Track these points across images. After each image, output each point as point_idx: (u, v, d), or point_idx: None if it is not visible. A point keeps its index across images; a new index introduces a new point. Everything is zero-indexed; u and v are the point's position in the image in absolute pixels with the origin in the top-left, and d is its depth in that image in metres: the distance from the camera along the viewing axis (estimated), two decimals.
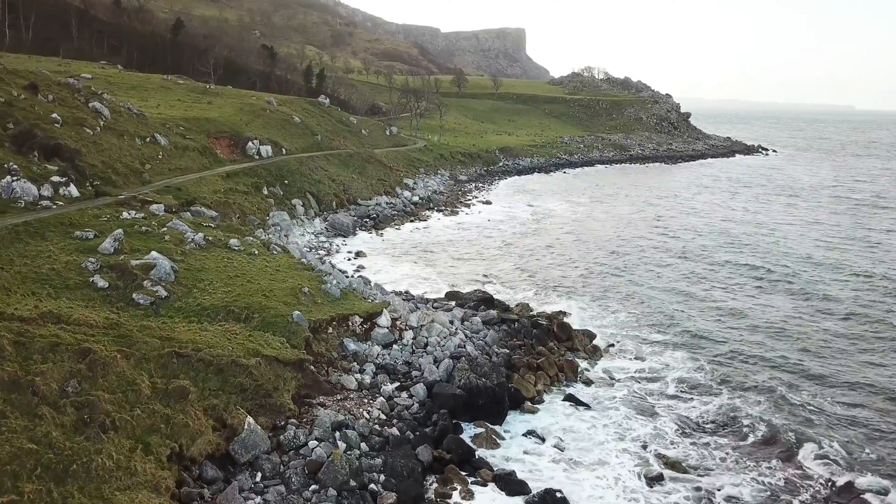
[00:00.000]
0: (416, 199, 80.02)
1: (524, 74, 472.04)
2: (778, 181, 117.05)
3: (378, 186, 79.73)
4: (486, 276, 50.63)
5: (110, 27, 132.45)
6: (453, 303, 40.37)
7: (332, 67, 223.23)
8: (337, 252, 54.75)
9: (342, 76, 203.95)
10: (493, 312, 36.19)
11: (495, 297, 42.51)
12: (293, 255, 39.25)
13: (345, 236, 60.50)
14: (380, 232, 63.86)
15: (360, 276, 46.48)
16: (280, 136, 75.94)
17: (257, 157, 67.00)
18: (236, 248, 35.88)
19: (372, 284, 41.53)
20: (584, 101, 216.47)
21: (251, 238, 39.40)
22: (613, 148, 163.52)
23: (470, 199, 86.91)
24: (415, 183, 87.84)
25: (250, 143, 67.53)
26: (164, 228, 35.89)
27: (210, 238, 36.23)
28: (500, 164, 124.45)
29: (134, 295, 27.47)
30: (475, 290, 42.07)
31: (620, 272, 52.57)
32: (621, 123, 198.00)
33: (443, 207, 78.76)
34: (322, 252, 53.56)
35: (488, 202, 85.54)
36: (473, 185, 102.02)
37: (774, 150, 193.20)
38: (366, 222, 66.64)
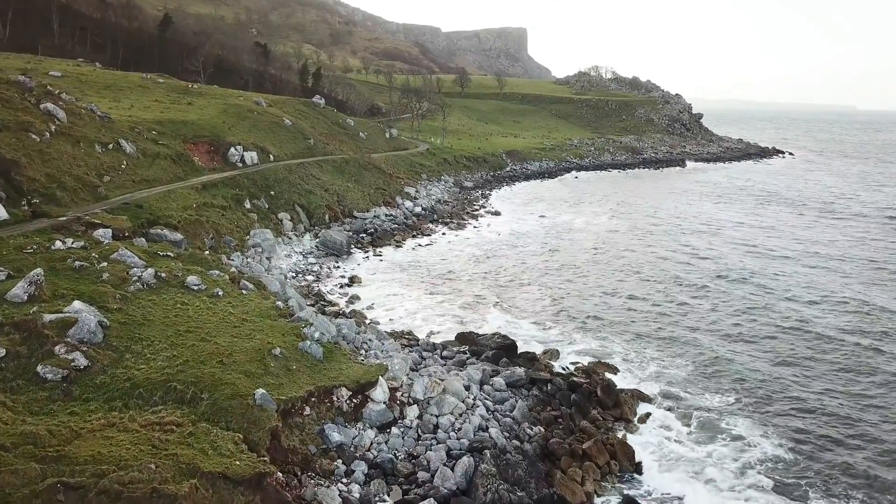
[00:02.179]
0: (418, 210, 72.43)
1: (526, 74, 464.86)
2: (806, 192, 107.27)
3: (376, 196, 72.25)
4: (501, 305, 43.45)
5: (94, 23, 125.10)
6: (466, 348, 33.11)
7: (330, 66, 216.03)
8: (328, 277, 47.39)
9: (340, 75, 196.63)
10: (520, 371, 28.69)
11: (515, 336, 35.35)
12: (269, 293, 31.84)
13: (338, 256, 53.06)
14: (378, 250, 56.34)
15: (352, 310, 39.54)
16: (268, 140, 68.47)
17: (240, 164, 59.53)
18: (195, 288, 28.46)
19: (366, 325, 34.30)
20: (593, 101, 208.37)
21: (217, 272, 31.91)
22: (625, 151, 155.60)
23: (477, 210, 79.34)
24: (417, 191, 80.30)
25: (233, 149, 60.05)
26: (105, 263, 28.50)
27: (163, 274, 28.81)
28: (508, 168, 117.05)
29: (39, 367, 20.18)
30: (493, 334, 34.60)
31: (652, 305, 44.80)
32: (632, 125, 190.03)
33: (448, 220, 71.25)
34: (311, 277, 46.28)
35: (497, 213, 78.05)
36: (480, 192, 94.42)
37: (791, 154, 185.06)
38: (362, 238, 59.14)
